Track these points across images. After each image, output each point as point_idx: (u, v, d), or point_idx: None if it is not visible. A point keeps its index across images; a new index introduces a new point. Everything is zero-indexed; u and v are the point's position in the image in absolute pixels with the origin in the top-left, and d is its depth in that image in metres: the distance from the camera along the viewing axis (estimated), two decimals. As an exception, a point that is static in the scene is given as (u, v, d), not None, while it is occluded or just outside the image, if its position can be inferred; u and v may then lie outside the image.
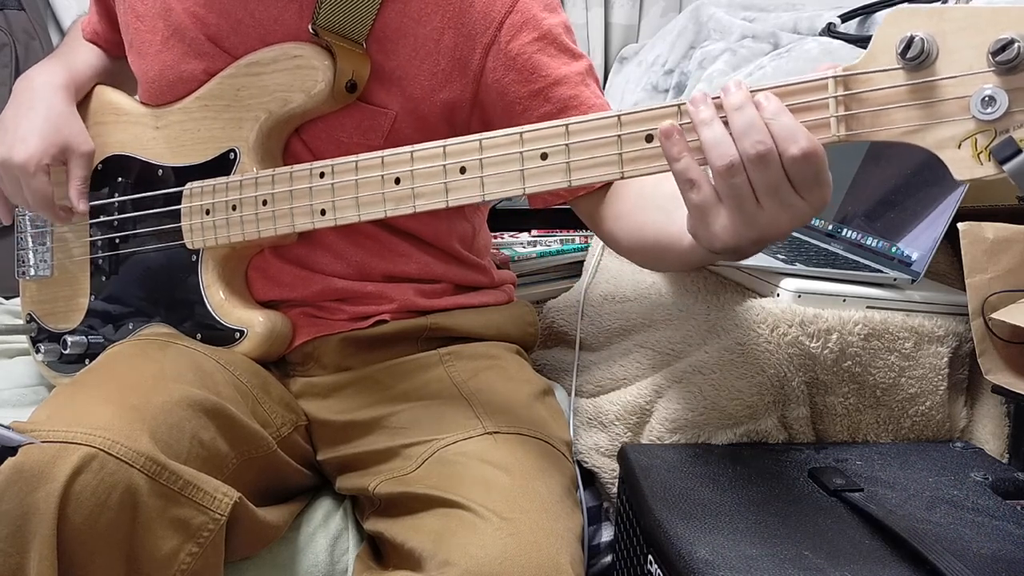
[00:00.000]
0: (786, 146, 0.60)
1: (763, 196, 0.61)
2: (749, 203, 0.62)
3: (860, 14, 1.50)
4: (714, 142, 0.62)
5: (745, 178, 0.61)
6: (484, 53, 0.87)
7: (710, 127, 0.62)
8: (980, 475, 0.90)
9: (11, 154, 0.95)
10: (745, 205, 0.62)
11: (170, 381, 0.79)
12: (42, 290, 1.08)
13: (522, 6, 0.87)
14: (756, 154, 0.60)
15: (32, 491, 0.66)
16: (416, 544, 0.75)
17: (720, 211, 0.63)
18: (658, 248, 0.80)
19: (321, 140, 0.92)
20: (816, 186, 0.61)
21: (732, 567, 0.70)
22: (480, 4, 0.87)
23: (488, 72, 0.88)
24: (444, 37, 0.87)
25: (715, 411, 0.92)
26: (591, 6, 2.04)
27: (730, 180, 0.61)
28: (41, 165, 0.95)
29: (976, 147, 0.58)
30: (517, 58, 0.87)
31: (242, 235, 0.89)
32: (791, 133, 0.60)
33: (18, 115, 0.97)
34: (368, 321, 0.96)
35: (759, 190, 0.61)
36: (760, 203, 0.62)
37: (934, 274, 1.06)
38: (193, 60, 0.93)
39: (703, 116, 0.63)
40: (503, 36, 0.86)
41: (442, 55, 0.88)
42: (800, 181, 0.61)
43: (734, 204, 0.62)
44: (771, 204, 0.62)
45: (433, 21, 0.87)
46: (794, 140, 0.60)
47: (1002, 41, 0.55)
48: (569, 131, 0.71)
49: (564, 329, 1.18)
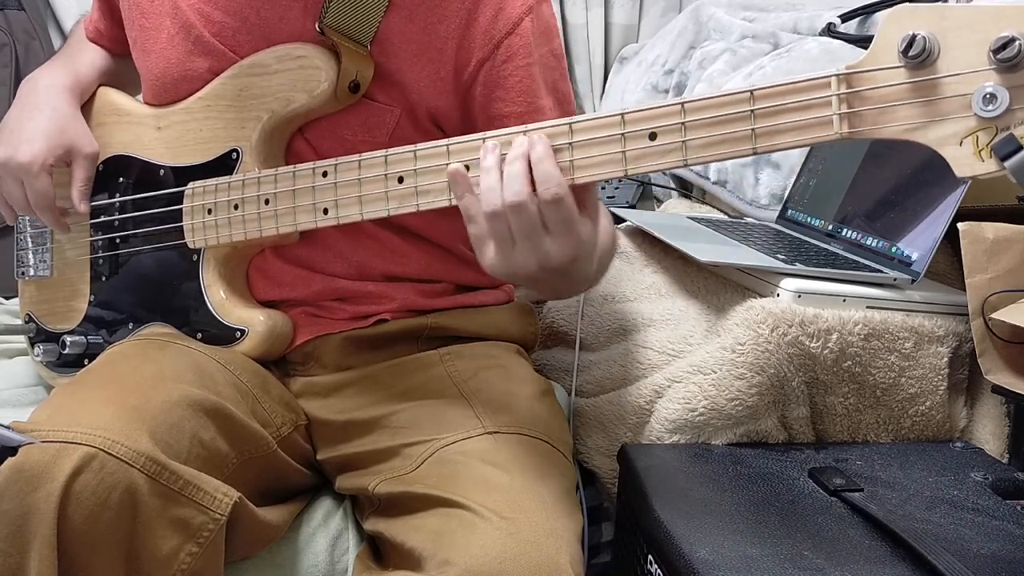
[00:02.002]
0: (541, 190, 0.69)
1: (519, 239, 0.70)
2: (507, 243, 0.71)
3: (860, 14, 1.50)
4: (487, 189, 0.71)
5: (507, 223, 0.70)
6: (478, 67, 0.88)
7: (488, 175, 0.71)
8: (980, 475, 0.90)
9: (15, 154, 0.94)
10: (504, 245, 0.71)
11: (170, 381, 0.79)
12: (41, 290, 1.08)
13: (522, 30, 0.88)
14: (513, 203, 0.69)
15: (32, 491, 0.67)
16: (416, 544, 0.75)
17: (489, 244, 0.72)
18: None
19: (325, 138, 0.92)
20: (566, 233, 0.70)
21: (732, 567, 0.70)
22: (483, 20, 0.87)
23: (478, 85, 0.89)
24: (447, 46, 0.88)
25: (715, 411, 0.92)
26: (591, 6, 2.04)
27: (494, 223, 0.71)
28: (45, 166, 0.95)
29: (977, 144, 0.58)
30: (508, 79, 0.88)
31: (244, 234, 0.89)
32: (547, 178, 0.69)
33: (22, 116, 0.97)
34: (369, 320, 0.96)
35: (516, 234, 0.70)
36: (516, 244, 0.71)
37: (934, 274, 1.06)
38: (198, 58, 0.93)
39: (485, 164, 0.72)
40: (499, 55, 0.88)
41: (444, 64, 0.89)
42: (552, 225, 0.69)
43: (497, 241, 0.72)
44: (524, 247, 0.71)
45: (439, 29, 0.88)
46: (548, 185, 0.68)
47: (1003, 39, 0.56)
48: (573, 129, 0.71)
49: (564, 329, 1.18)
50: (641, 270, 1.18)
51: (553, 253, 0.70)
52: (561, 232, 0.70)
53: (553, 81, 0.92)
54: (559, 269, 0.72)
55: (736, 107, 0.66)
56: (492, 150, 0.72)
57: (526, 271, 0.72)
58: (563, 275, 0.74)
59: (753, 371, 0.91)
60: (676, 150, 0.68)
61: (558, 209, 0.69)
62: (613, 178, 0.71)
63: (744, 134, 0.66)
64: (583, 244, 0.72)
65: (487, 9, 0.87)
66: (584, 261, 0.74)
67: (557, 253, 0.70)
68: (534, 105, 0.89)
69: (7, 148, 0.95)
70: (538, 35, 0.90)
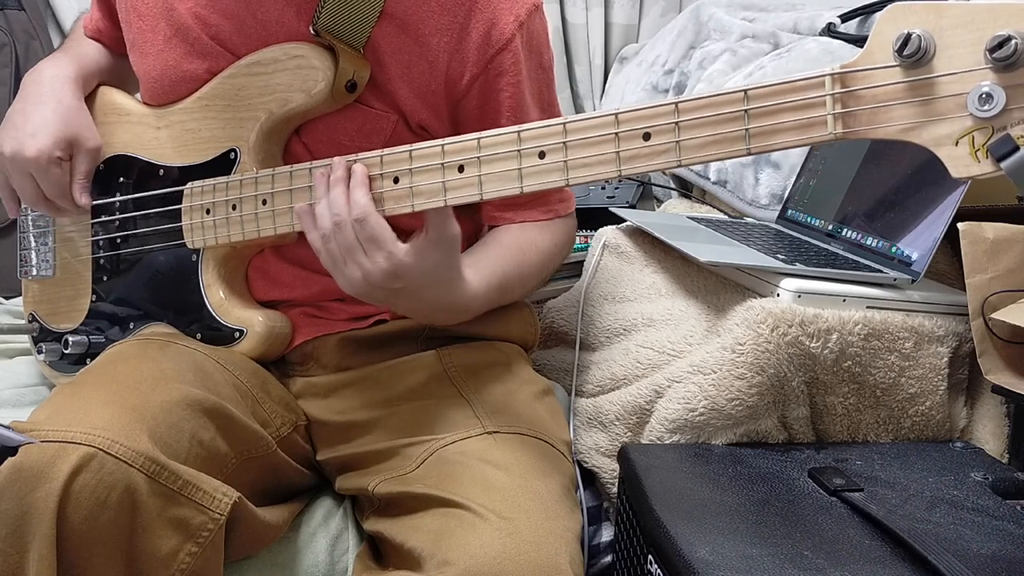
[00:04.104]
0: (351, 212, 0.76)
1: (346, 256, 0.78)
2: (340, 262, 0.78)
3: (860, 14, 1.49)
4: (319, 215, 0.79)
5: (335, 244, 0.78)
6: (471, 82, 0.90)
7: (320, 203, 0.79)
8: (980, 475, 0.90)
9: (22, 149, 0.94)
10: (339, 264, 0.78)
11: (170, 381, 0.79)
12: (44, 290, 1.08)
13: (514, 47, 0.89)
14: (334, 223, 0.77)
15: (32, 491, 0.67)
16: (416, 544, 0.75)
17: (332, 269, 0.79)
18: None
19: (322, 143, 0.92)
20: (378, 250, 0.76)
21: (732, 567, 0.70)
22: (476, 35, 0.88)
23: (471, 99, 0.90)
24: (439, 59, 0.89)
25: (715, 411, 0.92)
26: (591, 6, 2.04)
27: (326, 243, 0.79)
28: (52, 159, 0.95)
29: (973, 144, 0.58)
30: (500, 93, 0.90)
31: (242, 234, 0.89)
32: (355, 202, 0.77)
33: (27, 109, 0.97)
34: (368, 321, 0.96)
35: (342, 252, 0.78)
36: (345, 263, 0.78)
37: (934, 274, 1.06)
38: (195, 60, 0.93)
39: (318, 193, 0.80)
40: (492, 69, 0.89)
41: (435, 76, 0.89)
42: (366, 242, 0.76)
43: (330, 263, 0.79)
44: (350, 263, 0.78)
45: (431, 42, 0.88)
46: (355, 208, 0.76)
47: (999, 38, 0.55)
48: (567, 129, 0.71)
49: (564, 329, 1.18)
50: (641, 270, 1.18)
51: (371, 269, 0.77)
52: (372, 249, 0.76)
53: (540, 93, 0.95)
54: (386, 287, 0.78)
55: (730, 107, 0.65)
56: (321, 180, 0.80)
57: (361, 288, 0.78)
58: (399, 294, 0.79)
59: (753, 371, 0.91)
60: (670, 150, 0.67)
61: (363, 227, 0.76)
62: (608, 179, 0.70)
63: (738, 134, 0.65)
64: (403, 265, 0.76)
65: (479, 24, 0.88)
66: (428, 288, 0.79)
67: (373, 268, 0.76)
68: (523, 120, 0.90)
69: (13, 143, 0.95)
70: (529, 51, 0.91)
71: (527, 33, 0.91)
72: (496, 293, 0.89)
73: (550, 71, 0.97)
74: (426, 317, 0.90)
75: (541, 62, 0.94)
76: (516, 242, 0.94)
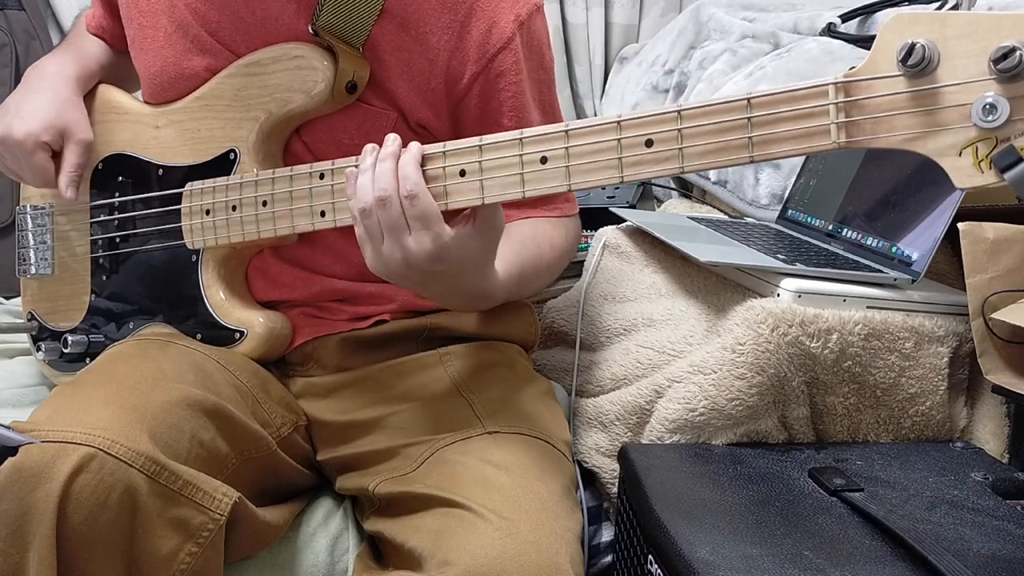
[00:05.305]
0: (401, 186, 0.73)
1: (386, 233, 0.74)
2: (378, 239, 0.75)
3: (860, 14, 1.49)
4: (360, 187, 0.75)
5: (376, 219, 0.74)
6: (472, 80, 0.89)
7: (363, 174, 0.75)
8: (980, 475, 0.90)
9: (11, 131, 0.95)
10: (376, 240, 0.75)
11: (170, 381, 0.79)
12: (43, 289, 1.08)
13: (514, 46, 0.89)
14: (379, 198, 0.73)
15: (32, 491, 0.66)
16: (416, 544, 0.75)
17: (366, 242, 0.76)
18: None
19: (323, 142, 0.92)
20: (423, 230, 0.73)
21: (732, 567, 0.70)
22: (476, 34, 0.88)
23: (471, 98, 0.90)
24: (439, 58, 0.88)
25: (715, 411, 0.92)
26: (591, 6, 2.04)
27: (365, 221, 0.75)
28: (39, 143, 0.95)
29: (977, 155, 0.58)
30: (501, 93, 0.90)
31: (242, 235, 0.89)
32: (406, 177, 0.73)
33: (24, 96, 0.98)
34: (368, 321, 0.96)
35: (385, 229, 0.74)
36: (384, 239, 0.74)
37: (934, 274, 1.06)
38: (196, 57, 0.93)
39: (363, 165, 0.76)
40: (492, 70, 0.89)
41: (435, 75, 0.89)
42: (411, 221, 0.73)
43: (369, 237, 0.75)
44: (389, 241, 0.74)
45: (430, 41, 0.88)
46: (406, 183, 0.73)
47: (1004, 49, 0.55)
48: (569, 135, 0.71)
49: (564, 329, 1.18)
50: (641, 270, 1.18)
51: (414, 249, 0.73)
52: (418, 228, 0.73)
53: (540, 94, 0.95)
54: (426, 269, 0.75)
55: (733, 115, 0.65)
56: (370, 152, 0.76)
57: (397, 268, 0.75)
58: (436, 278, 0.77)
59: (753, 371, 0.91)
60: (673, 157, 0.67)
61: (413, 205, 0.73)
62: (610, 184, 0.70)
63: (741, 142, 0.65)
64: (447, 248, 0.74)
65: (480, 23, 0.88)
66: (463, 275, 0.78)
67: (417, 249, 0.73)
68: (524, 120, 0.91)
69: (3, 126, 0.96)
70: (529, 50, 0.91)
71: (527, 33, 0.91)
72: (515, 284, 0.88)
73: (551, 71, 0.97)
74: (450, 303, 0.89)
75: (542, 62, 0.94)
76: (533, 236, 0.94)
